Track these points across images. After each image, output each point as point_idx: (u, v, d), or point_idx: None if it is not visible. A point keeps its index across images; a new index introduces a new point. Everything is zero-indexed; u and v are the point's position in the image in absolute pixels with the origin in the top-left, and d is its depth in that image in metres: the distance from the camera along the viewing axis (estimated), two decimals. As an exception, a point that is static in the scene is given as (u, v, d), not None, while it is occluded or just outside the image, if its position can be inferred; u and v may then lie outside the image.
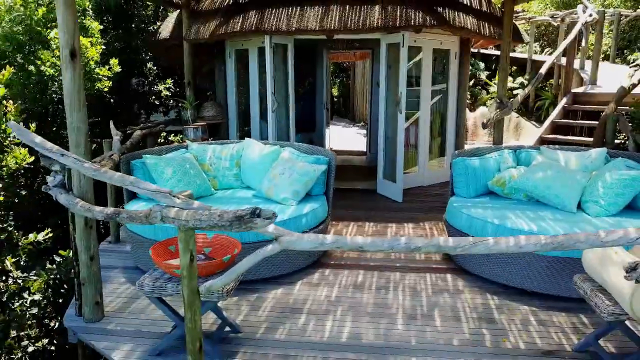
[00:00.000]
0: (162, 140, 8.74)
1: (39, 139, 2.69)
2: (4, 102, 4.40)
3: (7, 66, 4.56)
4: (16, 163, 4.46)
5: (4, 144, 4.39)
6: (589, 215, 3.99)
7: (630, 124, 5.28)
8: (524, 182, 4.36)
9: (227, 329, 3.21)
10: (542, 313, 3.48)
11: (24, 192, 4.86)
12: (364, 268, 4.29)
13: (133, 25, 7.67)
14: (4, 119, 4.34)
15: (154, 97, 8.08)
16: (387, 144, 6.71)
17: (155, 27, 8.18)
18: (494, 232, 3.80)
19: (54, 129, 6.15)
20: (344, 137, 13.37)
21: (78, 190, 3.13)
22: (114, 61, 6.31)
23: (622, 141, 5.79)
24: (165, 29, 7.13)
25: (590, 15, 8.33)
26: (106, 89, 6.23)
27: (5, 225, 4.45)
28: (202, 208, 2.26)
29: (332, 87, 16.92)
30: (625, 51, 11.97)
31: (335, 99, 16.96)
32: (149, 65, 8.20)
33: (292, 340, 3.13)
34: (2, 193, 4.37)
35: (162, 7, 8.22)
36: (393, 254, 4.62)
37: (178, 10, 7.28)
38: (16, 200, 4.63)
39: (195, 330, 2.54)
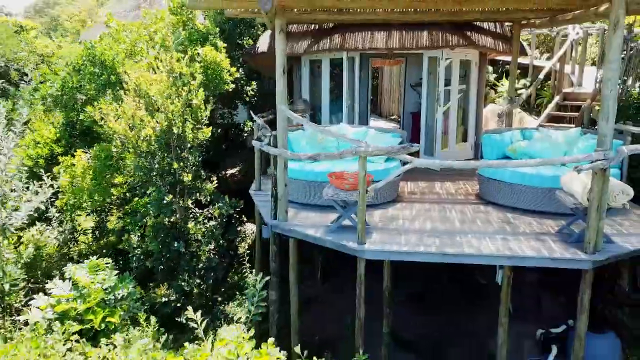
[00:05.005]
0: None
1: (289, 112, 5.21)
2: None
3: (198, 76, 7.04)
4: (203, 136, 6.97)
5: (198, 125, 6.90)
6: (567, 167, 6.50)
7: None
8: (528, 149, 6.86)
9: (363, 223, 5.71)
10: (539, 220, 6.00)
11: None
12: (427, 202, 6.81)
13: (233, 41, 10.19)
14: (199, 109, 6.85)
15: (245, 95, 10.58)
16: (427, 129, 9.20)
17: (245, 41, 10.69)
18: (510, 175, 6.30)
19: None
20: (374, 130, 15.86)
21: (282, 145, 5.63)
22: (233, 69, 8.79)
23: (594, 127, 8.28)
24: (263, 44, 9.63)
25: (578, 33, 10.86)
26: (230, 90, 8.73)
27: (198, 175, 6.97)
28: (377, 146, 4.76)
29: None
30: (610, 58, 14.44)
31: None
32: (240, 71, 10.70)
33: (399, 228, 5.66)
34: (196, 155, 6.89)
35: (252, 27, 10.71)
36: (444, 194, 7.13)
37: (269, 31, 9.77)
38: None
39: (363, 212, 5.03)
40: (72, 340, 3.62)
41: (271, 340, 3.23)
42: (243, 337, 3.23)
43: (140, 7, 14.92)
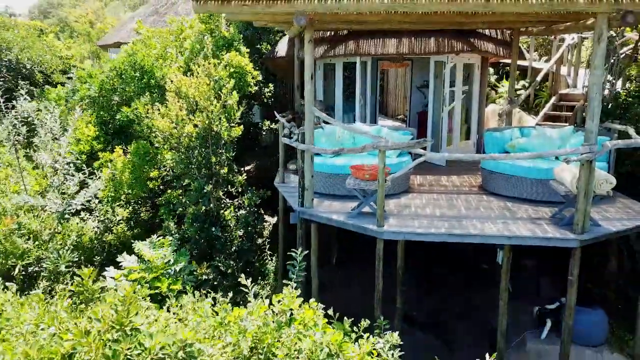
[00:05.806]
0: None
1: (318, 112, 5.98)
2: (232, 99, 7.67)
3: (231, 80, 7.80)
4: (235, 133, 7.73)
5: (231, 123, 7.67)
6: (560, 161, 7.28)
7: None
8: (526, 145, 7.64)
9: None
10: (535, 207, 6.78)
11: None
12: (435, 193, 7.59)
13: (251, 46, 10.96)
14: (232, 109, 7.62)
15: (263, 97, 11.36)
16: (433, 127, 9.98)
17: (263, 46, 11.47)
18: (510, 168, 7.08)
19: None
20: (380, 129, 16.68)
21: (309, 142, 6.41)
22: (255, 72, 9.55)
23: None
24: (281, 49, 10.41)
25: (573, 38, 11.66)
26: (253, 92, 9.50)
27: (231, 169, 7.75)
28: (395, 141, 5.54)
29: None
30: (604, 60, 15.23)
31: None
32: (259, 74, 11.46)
33: (412, 214, 6.44)
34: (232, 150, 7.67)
35: (270, 33, 11.48)
36: (450, 186, 7.92)
37: (286, 36, 10.55)
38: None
39: (382, 199, 5.81)
40: (147, 300, 4.41)
41: (312, 299, 4.01)
42: (292, 295, 4.02)
43: (159, 12, 15.69)
